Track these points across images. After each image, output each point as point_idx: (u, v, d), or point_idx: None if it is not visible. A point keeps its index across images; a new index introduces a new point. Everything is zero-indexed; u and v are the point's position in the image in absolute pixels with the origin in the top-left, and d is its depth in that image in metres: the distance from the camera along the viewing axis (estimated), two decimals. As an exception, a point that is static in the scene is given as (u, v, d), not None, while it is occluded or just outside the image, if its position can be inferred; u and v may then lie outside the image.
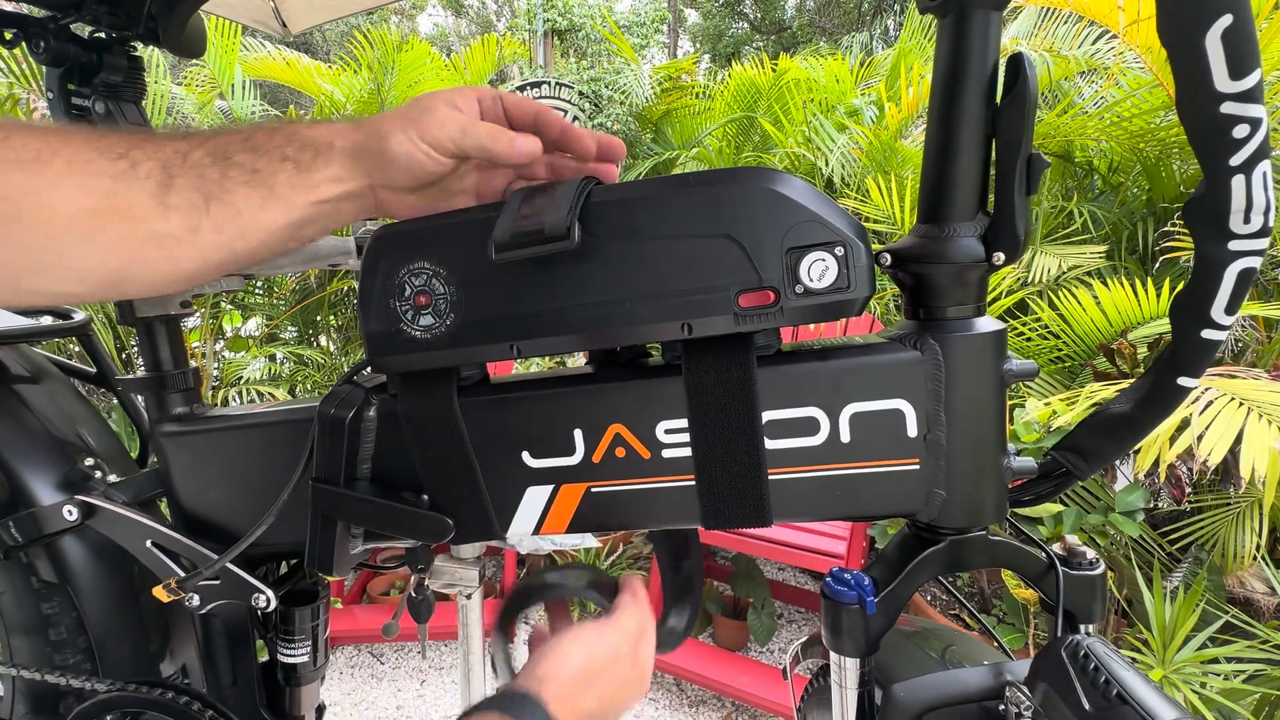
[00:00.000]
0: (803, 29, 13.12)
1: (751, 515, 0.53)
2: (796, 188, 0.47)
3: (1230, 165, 0.41)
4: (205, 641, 0.79)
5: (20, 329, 0.86)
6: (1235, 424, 1.48)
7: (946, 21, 0.47)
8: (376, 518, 0.59)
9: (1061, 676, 0.45)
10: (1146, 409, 0.51)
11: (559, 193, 0.49)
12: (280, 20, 1.18)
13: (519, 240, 0.47)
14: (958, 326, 0.50)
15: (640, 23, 6.14)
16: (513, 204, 0.50)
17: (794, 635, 2.50)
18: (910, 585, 0.55)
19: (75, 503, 0.75)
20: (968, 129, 0.48)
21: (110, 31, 0.77)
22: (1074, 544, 0.56)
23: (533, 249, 0.47)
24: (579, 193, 0.49)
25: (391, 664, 2.35)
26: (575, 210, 0.47)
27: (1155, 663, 1.49)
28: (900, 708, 0.56)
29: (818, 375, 0.51)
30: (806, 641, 0.84)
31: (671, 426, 0.53)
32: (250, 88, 3.68)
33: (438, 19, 17.68)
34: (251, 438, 0.69)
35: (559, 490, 0.56)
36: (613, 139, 0.55)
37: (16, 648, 0.81)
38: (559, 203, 0.48)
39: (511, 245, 0.47)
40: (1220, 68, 0.39)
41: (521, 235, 0.47)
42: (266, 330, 3.26)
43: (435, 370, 0.55)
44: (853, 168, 3.19)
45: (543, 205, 0.48)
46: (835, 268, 0.47)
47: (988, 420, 0.51)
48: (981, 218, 0.50)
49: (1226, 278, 0.44)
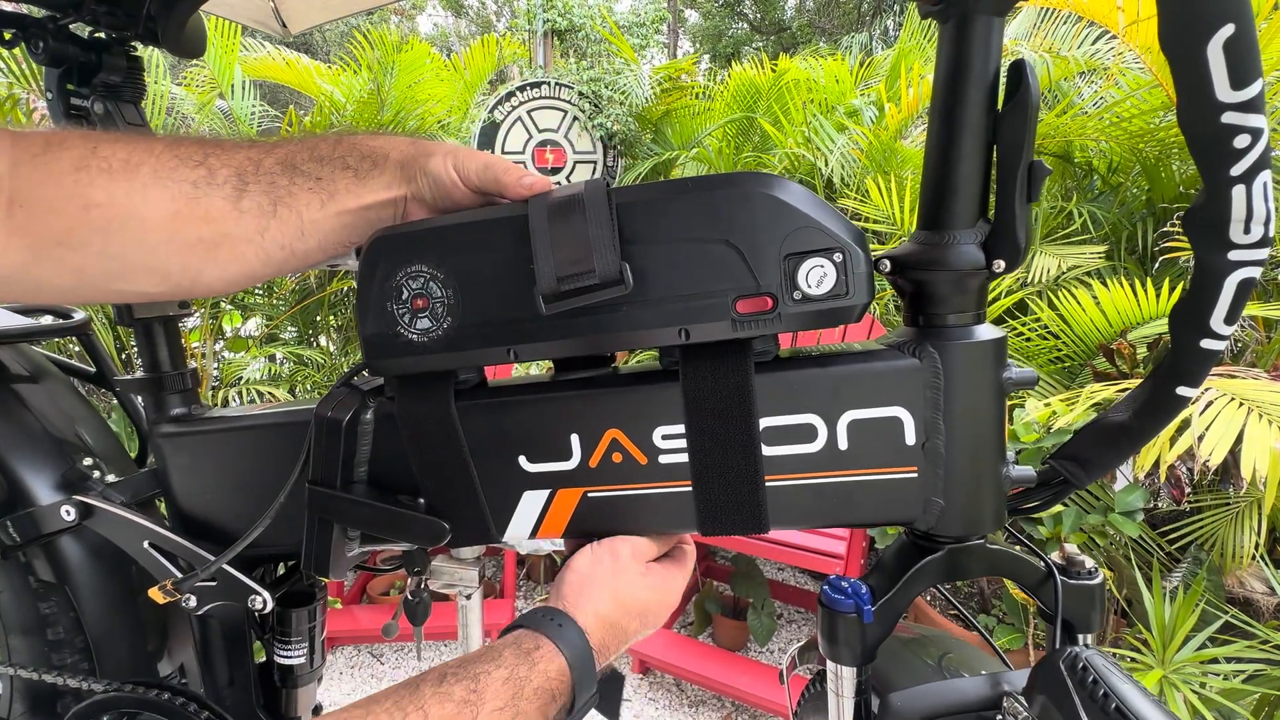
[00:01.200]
0: (802, 29, 13.10)
1: (748, 522, 0.53)
2: (795, 193, 0.47)
3: (1231, 175, 0.41)
4: (202, 642, 0.79)
5: (20, 329, 0.86)
6: (1236, 424, 1.47)
7: (948, 27, 0.47)
8: (372, 520, 0.58)
9: (1059, 689, 0.45)
10: (1145, 418, 0.51)
11: (592, 221, 0.47)
12: (280, 20, 1.18)
13: (570, 291, 0.47)
14: (957, 334, 0.50)
15: (640, 23, 6.12)
16: (541, 232, 0.48)
17: (794, 635, 2.50)
18: (908, 594, 0.54)
19: (73, 503, 0.75)
20: (968, 135, 0.48)
21: (109, 32, 0.76)
22: (1073, 553, 0.56)
23: (588, 297, 0.47)
24: (613, 221, 0.47)
25: (391, 664, 2.35)
26: (618, 248, 0.47)
27: (1155, 663, 1.49)
28: (897, 717, 0.56)
29: (816, 382, 0.51)
30: (803, 646, 0.83)
31: (669, 432, 0.53)
32: (250, 88, 3.67)
33: (438, 19, 17.65)
34: (249, 439, 0.69)
35: (555, 495, 0.56)
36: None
37: (14, 647, 0.81)
38: (598, 241, 0.46)
39: (563, 296, 0.47)
40: (1221, 77, 0.38)
41: (571, 284, 0.46)
42: (266, 330, 3.26)
43: (432, 373, 0.55)
44: (852, 168, 3.18)
45: (577, 237, 0.47)
46: (833, 274, 0.47)
47: (987, 429, 0.51)
48: (982, 225, 0.50)
49: (1226, 288, 0.44)
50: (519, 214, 0.49)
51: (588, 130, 4.47)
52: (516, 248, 0.49)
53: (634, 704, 2.18)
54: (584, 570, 0.55)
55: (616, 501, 0.55)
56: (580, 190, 0.48)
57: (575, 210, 0.48)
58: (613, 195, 0.48)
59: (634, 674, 2.29)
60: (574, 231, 0.47)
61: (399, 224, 0.54)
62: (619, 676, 0.56)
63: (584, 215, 0.47)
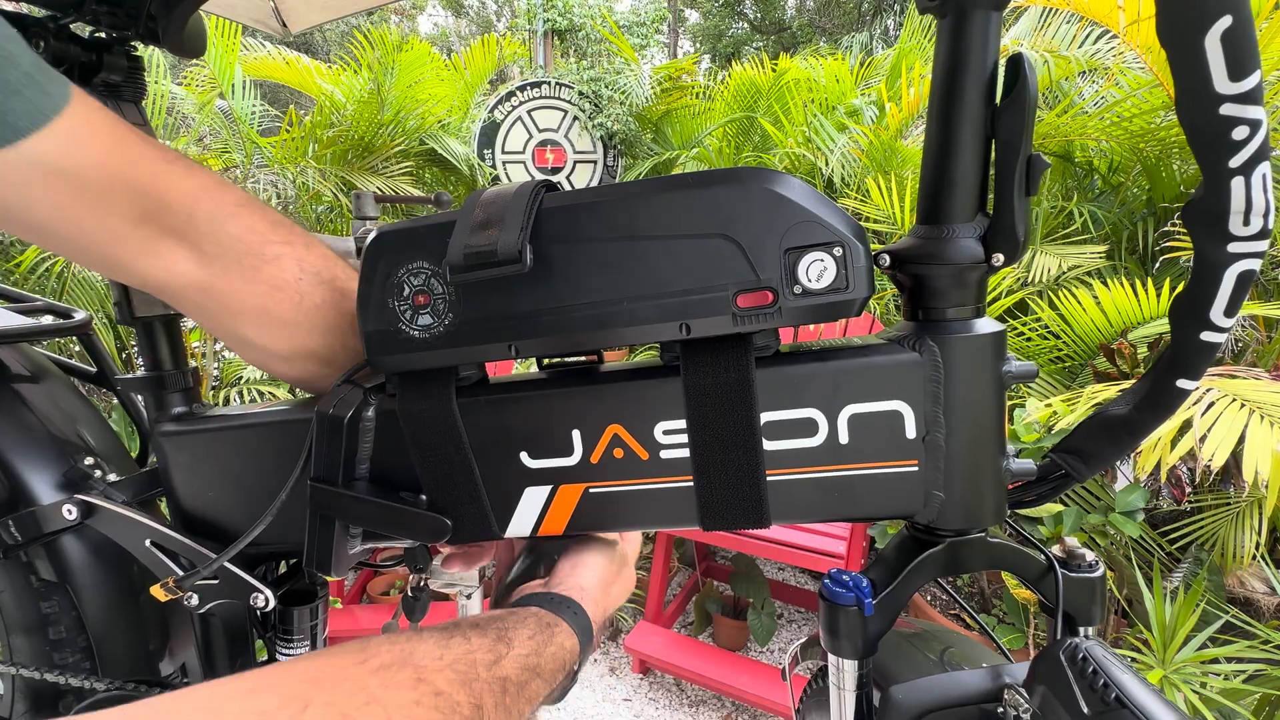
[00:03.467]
0: (803, 29, 13.11)
1: (750, 516, 0.53)
2: (795, 188, 0.47)
3: (1230, 167, 0.41)
4: (204, 641, 0.79)
5: (21, 328, 0.86)
6: (1237, 426, 1.47)
7: (946, 22, 0.47)
8: (374, 517, 0.59)
9: (1060, 679, 0.45)
10: (1146, 411, 0.51)
11: (511, 204, 0.49)
12: (280, 20, 1.18)
13: (472, 262, 0.48)
14: (957, 328, 0.50)
15: (640, 23, 6.13)
16: (467, 212, 0.50)
17: (794, 635, 2.50)
18: (909, 587, 0.54)
19: (75, 502, 0.75)
20: (967, 129, 0.48)
21: (110, 31, 0.76)
22: (1073, 546, 0.56)
23: (487, 272, 0.48)
24: (530, 207, 0.49)
25: (391, 663, 2.35)
26: (526, 231, 0.48)
27: (1155, 663, 1.49)
28: (899, 710, 0.56)
29: (816, 376, 0.51)
30: (805, 642, 0.83)
31: (670, 427, 0.53)
32: (250, 87, 3.68)
33: (438, 19, 17.67)
34: (250, 437, 0.69)
35: (557, 491, 0.56)
36: None
37: (16, 646, 0.81)
38: (509, 219, 0.48)
39: (466, 268, 0.48)
40: (1220, 69, 0.38)
41: (475, 257, 0.48)
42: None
43: (434, 370, 0.55)
44: (853, 168, 3.19)
45: (494, 219, 0.49)
46: (834, 268, 0.47)
47: (987, 422, 0.51)
48: (981, 219, 0.50)
49: (1226, 280, 0.44)
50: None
51: (588, 130, 4.47)
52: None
53: (634, 704, 2.18)
54: (602, 568, 0.61)
55: (618, 497, 0.56)
56: (515, 186, 0.51)
57: (501, 198, 0.50)
58: (541, 194, 0.50)
59: (634, 674, 2.29)
60: (491, 215, 0.49)
61: (400, 221, 0.54)
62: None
63: (505, 203, 0.49)
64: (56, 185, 0.47)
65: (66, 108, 0.47)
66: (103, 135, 0.49)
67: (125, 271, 0.54)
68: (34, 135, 0.45)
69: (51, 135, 0.46)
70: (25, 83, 0.44)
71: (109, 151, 0.49)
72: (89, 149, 0.48)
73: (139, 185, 0.51)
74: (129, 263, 0.53)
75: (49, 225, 0.50)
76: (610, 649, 2.42)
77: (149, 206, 0.51)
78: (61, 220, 0.49)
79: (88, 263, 0.55)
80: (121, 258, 0.53)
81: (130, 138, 0.51)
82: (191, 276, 0.55)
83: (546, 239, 0.50)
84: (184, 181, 0.53)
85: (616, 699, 2.20)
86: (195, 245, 0.54)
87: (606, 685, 2.26)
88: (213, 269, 0.55)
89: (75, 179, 0.48)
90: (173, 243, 0.53)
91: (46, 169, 0.46)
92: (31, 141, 0.45)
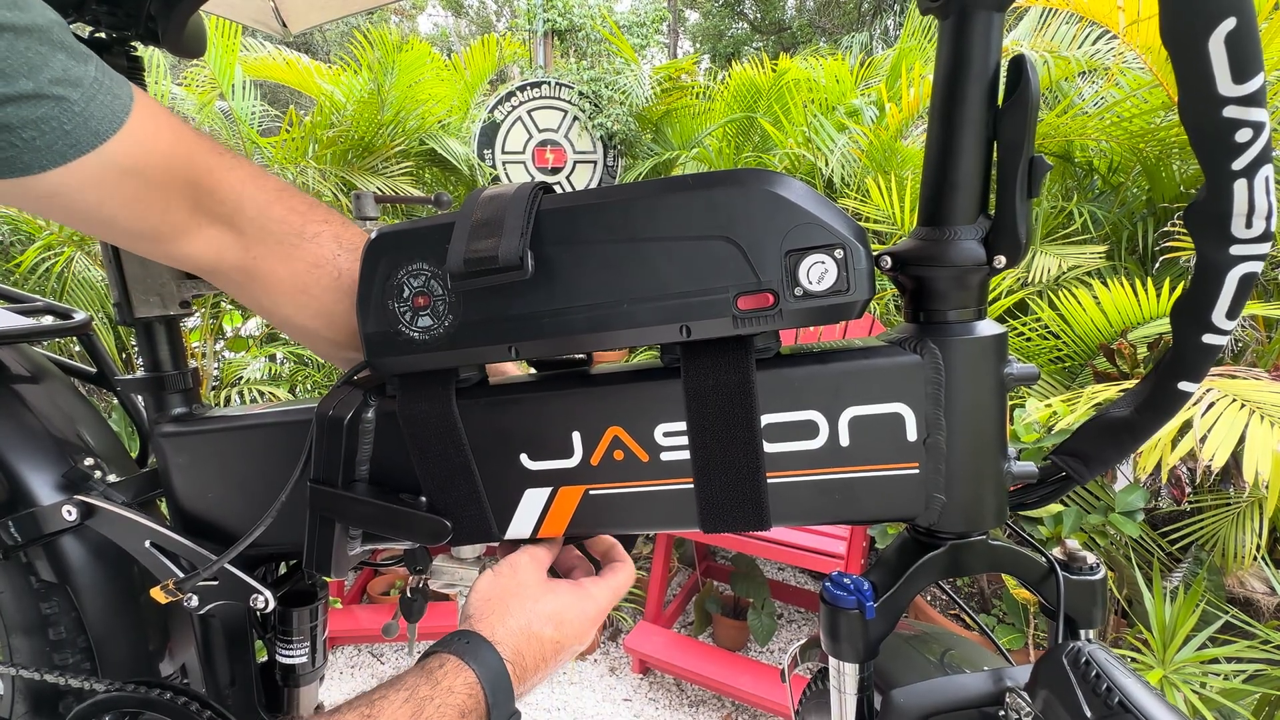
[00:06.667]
0: (803, 29, 13.10)
1: (750, 519, 0.53)
2: (796, 190, 0.47)
3: (1232, 169, 0.41)
4: (204, 642, 0.79)
5: (20, 329, 0.86)
6: (1238, 427, 1.47)
7: (948, 23, 0.47)
8: (374, 519, 0.58)
9: (1062, 683, 0.45)
10: (1147, 414, 0.51)
11: (510, 208, 0.49)
12: (280, 20, 1.18)
13: (473, 269, 0.48)
14: (958, 330, 0.50)
15: (640, 23, 6.13)
16: (466, 215, 0.50)
17: (794, 635, 2.50)
18: (910, 590, 0.54)
19: (75, 503, 0.75)
20: (969, 131, 0.47)
21: (110, 31, 0.76)
22: (1074, 549, 0.56)
23: (489, 278, 0.49)
24: (529, 211, 0.49)
25: (392, 664, 2.35)
26: (526, 236, 0.48)
27: (1155, 663, 1.49)
28: (900, 713, 0.56)
29: (817, 378, 0.51)
30: (805, 644, 0.83)
31: (670, 429, 0.53)
32: (250, 88, 3.68)
33: (438, 19, 17.67)
34: (250, 438, 0.69)
35: (557, 492, 0.56)
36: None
37: (16, 647, 0.81)
38: (509, 224, 0.48)
39: (467, 274, 0.49)
40: (1223, 71, 0.38)
41: (475, 263, 0.48)
42: (266, 330, 3.26)
43: (434, 371, 0.55)
44: (853, 168, 3.18)
45: (494, 225, 0.49)
46: (834, 270, 0.47)
47: (988, 424, 0.51)
48: (983, 220, 0.49)
49: (1228, 282, 0.44)
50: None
51: (588, 130, 4.46)
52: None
53: (634, 704, 2.18)
54: (485, 590, 0.56)
55: (618, 499, 0.55)
56: (513, 188, 0.51)
57: (499, 201, 0.50)
58: (539, 197, 0.50)
59: (634, 674, 2.29)
60: (491, 220, 0.49)
61: (400, 222, 0.54)
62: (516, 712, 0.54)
63: (503, 206, 0.49)
64: (130, 184, 0.49)
65: (134, 107, 0.48)
66: (165, 132, 0.50)
67: (173, 256, 0.56)
68: (112, 139, 0.46)
69: (126, 137, 0.47)
70: (98, 87, 0.45)
71: (172, 147, 0.51)
72: (155, 147, 0.50)
73: (193, 177, 0.53)
74: (179, 248, 0.55)
75: (118, 219, 0.51)
76: (610, 649, 2.42)
77: (200, 196, 0.54)
78: (130, 215, 0.51)
79: (134, 247, 0.57)
80: (173, 243, 0.55)
81: (184, 131, 0.52)
82: (236, 259, 0.57)
83: (547, 241, 0.50)
84: (231, 173, 0.55)
85: (616, 699, 2.20)
86: (240, 230, 0.56)
87: (606, 685, 2.26)
88: (255, 252, 0.57)
89: (144, 176, 0.49)
90: (220, 228, 0.56)
91: (121, 170, 0.48)
92: (111, 144, 0.46)
